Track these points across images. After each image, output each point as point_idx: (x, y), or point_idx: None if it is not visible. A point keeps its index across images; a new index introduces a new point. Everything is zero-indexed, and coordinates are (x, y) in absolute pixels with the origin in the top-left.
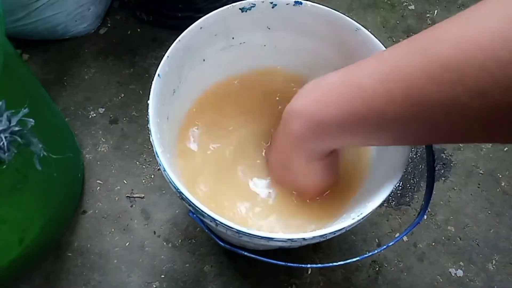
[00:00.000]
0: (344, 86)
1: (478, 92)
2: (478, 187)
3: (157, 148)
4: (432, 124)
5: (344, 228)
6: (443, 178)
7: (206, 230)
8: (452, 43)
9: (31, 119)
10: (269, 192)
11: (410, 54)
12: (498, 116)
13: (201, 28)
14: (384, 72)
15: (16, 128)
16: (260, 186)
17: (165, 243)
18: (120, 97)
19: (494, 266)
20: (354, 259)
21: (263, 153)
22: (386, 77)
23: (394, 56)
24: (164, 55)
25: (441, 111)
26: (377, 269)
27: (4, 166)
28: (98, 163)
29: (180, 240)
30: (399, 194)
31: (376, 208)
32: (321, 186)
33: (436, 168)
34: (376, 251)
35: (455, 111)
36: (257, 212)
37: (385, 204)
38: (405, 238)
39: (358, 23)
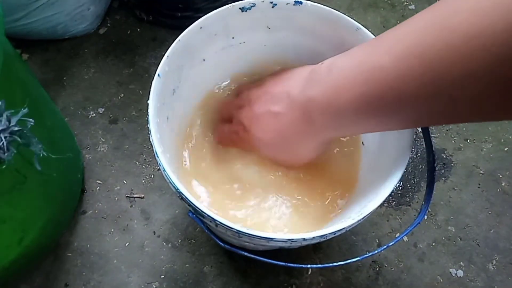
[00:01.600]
0: (359, 69)
1: (502, 58)
2: (479, 187)
3: (157, 148)
4: (453, 100)
5: (344, 228)
6: (443, 178)
7: (206, 231)
8: (470, 11)
9: (30, 119)
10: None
11: (428, 27)
12: None
13: (201, 28)
14: (402, 49)
15: (16, 128)
16: (259, 185)
17: (165, 243)
18: (119, 97)
19: (494, 266)
20: (354, 259)
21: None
22: (406, 53)
23: (411, 32)
24: (164, 55)
25: (463, 83)
26: (377, 269)
27: (4, 166)
28: (98, 163)
29: (180, 240)
30: (399, 194)
31: (376, 208)
32: (312, 158)
33: (437, 168)
34: (376, 251)
35: (478, 81)
36: (256, 215)
37: (385, 204)
38: (405, 238)
39: (358, 22)
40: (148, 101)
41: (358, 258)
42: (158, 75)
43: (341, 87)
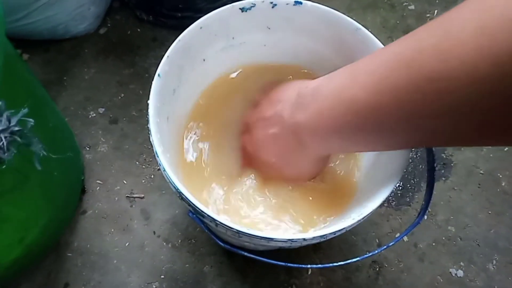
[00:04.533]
0: (339, 100)
1: (464, 101)
2: (479, 187)
3: (157, 148)
4: (425, 132)
5: (344, 228)
6: (443, 178)
7: (206, 230)
8: (433, 54)
9: (31, 119)
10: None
11: (396, 64)
12: (488, 119)
13: (201, 28)
14: (374, 84)
15: (16, 128)
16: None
17: (165, 243)
18: (120, 97)
19: (494, 266)
20: (354, 259)
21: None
22: (377, 89)
23: (382, 66)
24: (164, 55)
25: (431, 120)
26: (377, 269)
27: (4, 166)
28: (98, 163)
29: (180, 240)
30: (399, 194)
31: (376, 208)
32: (317, 173)
33: (436, 168)
34: (376, 251)
35: (444, 120)
36: (259, 216)
37: (385, 204)
38: (405, 238)
39: (358, 23)
40: (148, 101)
41: (358, 258)
42: (158, 75)
43: (324, 114)
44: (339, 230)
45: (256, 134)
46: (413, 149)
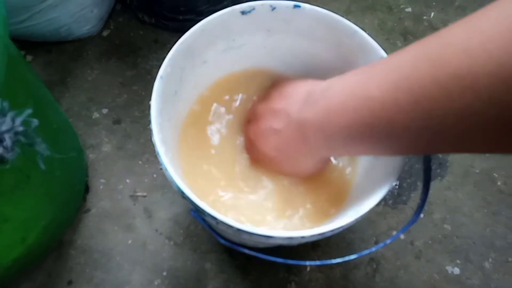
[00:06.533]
0: (351, 96)
1: (490, 100)
2: (475, 186)
3: (159, 148)
4: (442, 134)
5: (342, 226)
6: (439, 177)
7: (207, 228)
8: (460, 49)
9: (34, 119)
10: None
11: (418, 62)
12: None
13: (202, 30)
14: (392, 82)
15: (20, 128)
16: (260, 185)
17: (167, 241)
18: (122, 98)
19: (490, 264)
20: (352, 257)
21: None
22: (394, 86)
23: (401, 64)
24: (166, 57)
25: (451, 120)
26: (374, 266)
27: (8, 166)
28: (101, 162)
29: (181, 238)
30: (396, 193)
31: (374, 207)
32: (314, 172)
33: (433, 168)
34: (373, 249)
35: (466, 120)
36: (257, 212)
37: (382, 203)
38: (402, 236)
39: (356, 25)
40: (151, 102)
41: (356, 256)
42: (160, 76)
43: (333, 111)
44: (337, 228)
45: (262, 124)
46: None
